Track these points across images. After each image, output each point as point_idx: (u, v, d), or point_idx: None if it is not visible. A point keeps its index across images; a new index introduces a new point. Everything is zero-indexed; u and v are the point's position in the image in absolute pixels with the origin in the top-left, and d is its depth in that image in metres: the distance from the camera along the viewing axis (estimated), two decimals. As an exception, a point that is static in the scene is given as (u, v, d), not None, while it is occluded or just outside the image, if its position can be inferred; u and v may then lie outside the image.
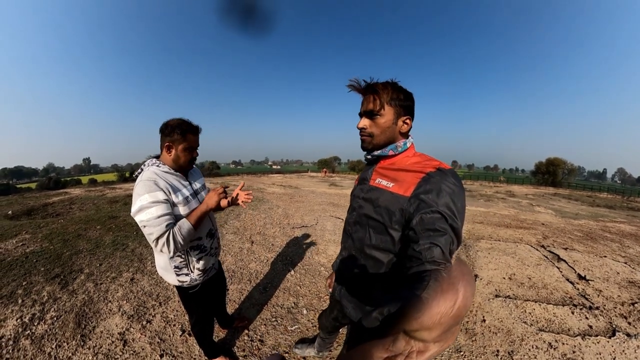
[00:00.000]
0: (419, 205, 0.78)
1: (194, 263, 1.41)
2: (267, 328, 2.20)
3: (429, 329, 0.33)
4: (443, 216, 0.74)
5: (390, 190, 0.89)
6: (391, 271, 0.92)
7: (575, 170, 40.42)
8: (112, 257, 3.34)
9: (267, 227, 4.93)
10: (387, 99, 0.92)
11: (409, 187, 0.84)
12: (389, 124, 0.94)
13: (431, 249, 0.70)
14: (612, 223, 7.14)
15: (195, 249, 1.40)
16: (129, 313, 2.29)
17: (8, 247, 3.61)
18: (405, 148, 0.97)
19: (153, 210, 1.16)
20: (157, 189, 1.20)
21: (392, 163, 0.97)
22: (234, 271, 3.14)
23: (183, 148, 1.30)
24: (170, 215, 1.20)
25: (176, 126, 1.27)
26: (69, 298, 2.46)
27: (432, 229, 0.73)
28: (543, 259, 3.82)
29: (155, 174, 1.24)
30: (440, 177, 0.81)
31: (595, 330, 2.26)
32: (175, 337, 2.03)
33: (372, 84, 0.95)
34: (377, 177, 0.98)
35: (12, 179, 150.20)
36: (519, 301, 2.66)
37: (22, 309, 2.28)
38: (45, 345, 1.92)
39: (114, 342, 1.98)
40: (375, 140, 0.98)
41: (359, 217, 1.02)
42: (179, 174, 1.35)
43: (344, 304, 1.09)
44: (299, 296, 2.67)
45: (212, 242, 1.52)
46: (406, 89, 0.96)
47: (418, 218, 0.77)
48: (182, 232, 1.19)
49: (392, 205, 0.87)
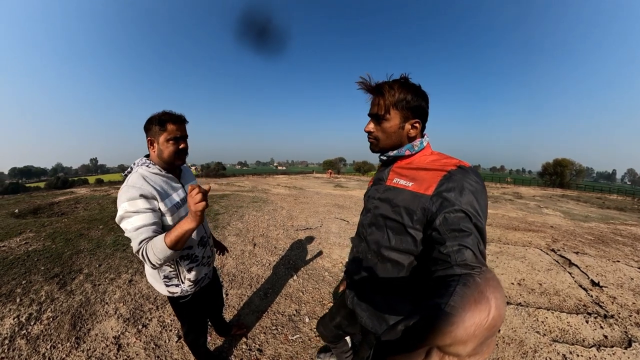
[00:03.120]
0: (442, 203, 0.75)
1: (185, 273, 1.30)
2: (266, 337, 2.11)
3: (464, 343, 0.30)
4: (467, 215, 0.71)
5: (410, 190, 0.85)
6: (412, 275, 0.87)
7: (583, 171, 39.90)
8: (112, 257, 3.31)
9: (271, 229, 4.86)
10: (393, 102, 0.87)
11: (430, 186, 0.80)
12: (395, 128, 0.91)
13: (461, 252, 0.66)
14: (623, 226, 6.95)
15: (186, 259, 1.29)
16: (125, 316, 2.23)
17: (12, 245, 3.63)
18: (422, 147, 0.93)
19: (133, 221, 1.05)
20: (138, 196, 1.08)
21: (410, 162, 0.93)
22: (234, 275, 3.06)
23: (164, 139, 1.17)
24: (148, 227, 1.06)
25: (154, 118, 1.17)
26: (66, 298, 2.43)
27: (457, 229, 0.69)
28: (554, 263, 3.69)
29: (142, 178, 1.13)
30: (462, 175, 0.78)
31: (610, 341, 2.15)
32: (171, 342, 1.97)
33: (378, 85, 0.90)
34: (395, 177, 0.94)
35: (21, 178, 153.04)
36: (531, 309, 2.54)
37: (20, 308, 2.27)
38: (40, 345, 1.90)
39: (108, 345, 1.92)
40: (381, 144, 0.95)
41: (374, 218, 0.96)
42: (170, 175, 1.25)
43: (358, 312, 1.03)
44: (301, 303, 2.57)
45: (204, 250, 1.40)
46: (418, 86, 0.90)
47: (442, 218, 0.73)
48: (155, 252, 0.99)
49: (412, 205, 0.82)
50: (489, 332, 0.31)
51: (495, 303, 0.32)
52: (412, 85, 0.89)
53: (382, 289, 0.94)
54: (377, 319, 0.96)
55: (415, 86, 0.89)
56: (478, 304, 0.32)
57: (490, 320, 0.31)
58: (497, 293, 0.33)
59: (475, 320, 0.31)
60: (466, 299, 0.34)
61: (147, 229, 1.05)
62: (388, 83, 0.89)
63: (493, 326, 0.31)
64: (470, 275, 0.58)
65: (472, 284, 0.51)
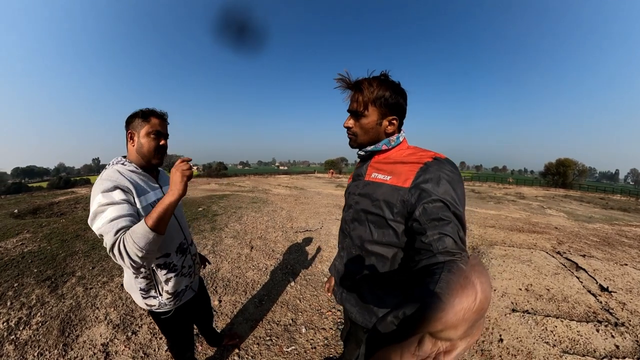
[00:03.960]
0: (420, 194, 0.77)
1: (162, 285, 1.17)
2: (260, 348, 2.00)
3: (455, 327, 0.32)
4: (445, 204, 0.73)
5: (389, 183, 0.87)
6: (397, 267, 0.89)
7: (586, 171, 39.68)
8: (106, 260, 3.25)
9: (269, 231, 4.75)
10: (372, 99, 0.88)
11: (407, 178, 0.83)
12: (372, 124, 0.92)
13: (442, 239, 0.68)
14: (627, 227, 6.85)
15: (163, 267, 1.17)
16: (115, 322, 2.15)
17: (8, 246, 3.61)
18: (399, 142, 0.96)
19: (106, 214, 0.92)
20: (113, 187, 0.98)
21: (387, 157, 0.96)
22: (229, 280, 2.95)
23: (146, 132, 1.10)
24: (125, 218, 0.94)
25: (137, 112, 1.12)
26: (57, 303, 2.37)
27: (436, 218, 0.72)
28: (561, 267, 3.58)
29: (118, 172, 1.05)
30: (438, 166, 0.81)
31: (622, 351, 2.04)
32: (161, 352, 1.88)
33: (357, 81, 0.91)
34: (373, 172, 0.96)
35: (24, 178, 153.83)
36: (538, 317, 2.42)
37: (10, 312, 2.22)
38: (27, 352, 1.85)
39: (96, 353, 1.85)
40: (359, 140, 0.97)
41: (356, 213, 0.99)
42: (147, 174, 1.17)
43: (348, 308, 1.05)
44: (298, 311, 2.45)
45: (184, 259, 1.27)
46: (398, 83, 0.91)
47: (421, 208, 0.75)
48: (135, 239, 0.86)
49: (391, 198, 0.85)
50: (478, 315, 0.32)
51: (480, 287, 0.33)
52: (391, 82, 0.90)
53: (369, 282, 0.96)
54: (367, 312, 0.98)
55: (395, 83, 0.90)
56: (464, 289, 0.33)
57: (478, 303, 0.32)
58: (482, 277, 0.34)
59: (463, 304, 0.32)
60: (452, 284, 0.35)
61: (124, 219, 0.93)
62: (367, 80, 0.90)
63: (481, 309, 0.32)
64: (453, 262, 0.62)
65: (456, 269, 0.54)
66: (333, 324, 2.30)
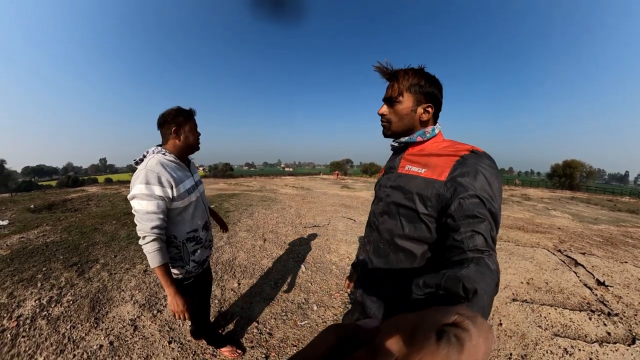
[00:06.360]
0: (456, 189, 0.74)
1: (190, 255, 1.41)
2: (276, 322, 2.21)
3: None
4: (481, 200, 0.71)
5: (423, 176, 0.84)
6: (426, 265, 0.85)
7: (594, 173, 38.78)
8: (127, 250, 3.44)
9: (280, 226, 4.96)
10: (407, 86, 0.88)
11: (443, 171, 0.80)
12: (407, 111, 0.90)
13: (473, 237, 0.67)
14: (634, 228, 6.82)
15: (192, 240, 1.40)
16: (141, 302, 2.34)
17: (30, 236, 3.80)
18: (434, 134, 0.92)
19: (145, 204, 1.18)
20: (156, 182, 1.20)
21: (422, 149, 0.92)
22: (246, 267, 3.17)
23: (190, 128, 1.36)
24: (158, 215, 1.20)
25: (177, 111, 1.34)
26: (85, 285, 2.56)
27: (471, 215, 0.70)
28: (560, 263, 3.70)
29: (160, 165, 1.25)
30: (475, 159, 0.77)
31: (613, 338, 2.17)
32: (185, 327, 2.06)
33: (394, 71, 0.91)
34: (407, 164, 0.93)
35: (34, 177, 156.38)
36: (535, 305, 2.58)
37: (41, 292, 2.40)
38: (60, 326, 2.01)
39: (125, 326, 2.04)
40: (393, 127, 0.95)
41: (387, 206, 0.94)
42: (182, 163, 1.38)
43: (368, 304, 1.00)
44: (310, 292, 2.67)
45: (207, 234, 1.54)
46: (433, 75, 0.91)
47: (456, 204, 0.73)
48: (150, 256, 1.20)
49: (426, 191, 0.81)
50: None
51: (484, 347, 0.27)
52: (427, 73, 0.90)
53: (395, 279, 0.91)
54: (387, 309, 0.94)
55: (430, 75, 0.90)
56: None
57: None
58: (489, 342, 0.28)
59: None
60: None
61: (157, 217, 1.20)
62: (404, 69, 0.90)
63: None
64: (481, 258, 0.63)
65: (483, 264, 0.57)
66: (341, 304, 2.52)
